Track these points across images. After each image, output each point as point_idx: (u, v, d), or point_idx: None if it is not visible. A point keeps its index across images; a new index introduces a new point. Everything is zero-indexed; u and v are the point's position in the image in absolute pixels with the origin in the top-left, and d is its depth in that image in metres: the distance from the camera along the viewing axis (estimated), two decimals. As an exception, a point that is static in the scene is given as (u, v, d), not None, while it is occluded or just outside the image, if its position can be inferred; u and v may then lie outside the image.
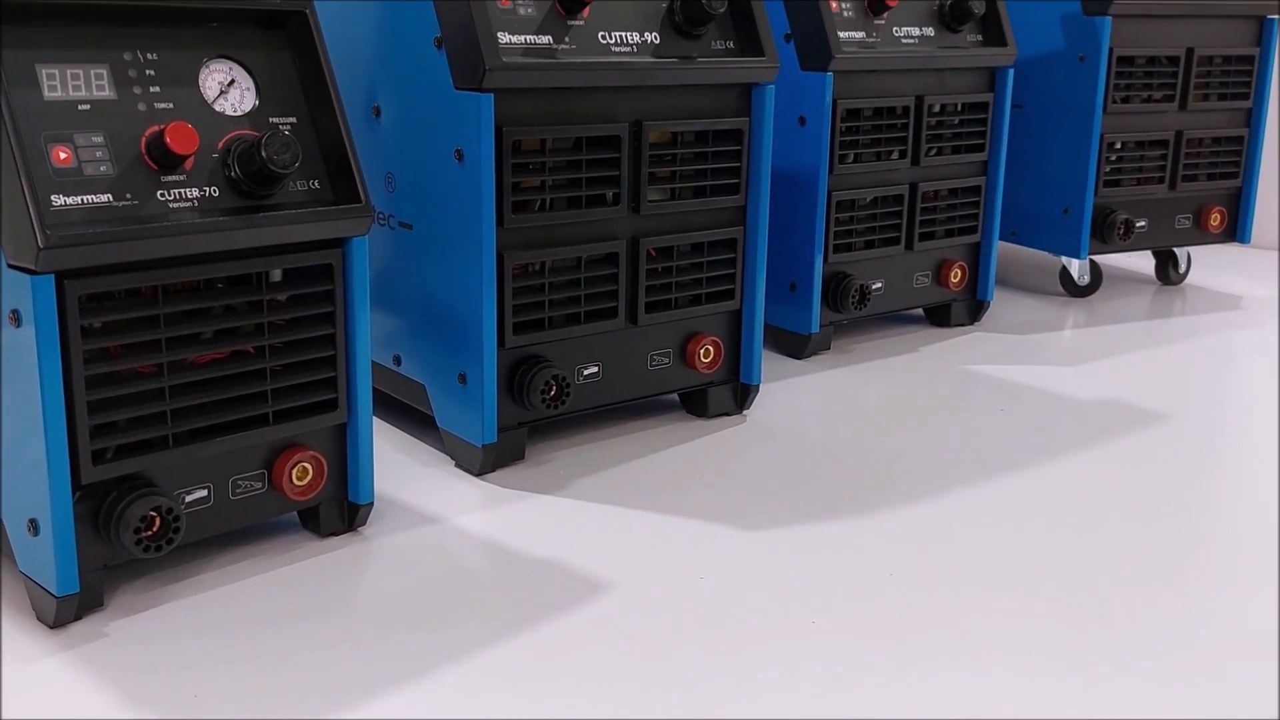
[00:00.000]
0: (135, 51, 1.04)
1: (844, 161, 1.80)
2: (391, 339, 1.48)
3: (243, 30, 1.11)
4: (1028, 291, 2.33)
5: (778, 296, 1.83)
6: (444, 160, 1.33)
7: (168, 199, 1.02)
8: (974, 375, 1.82)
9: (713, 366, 1.55)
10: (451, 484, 1.38)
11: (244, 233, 1.05)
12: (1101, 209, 2.18)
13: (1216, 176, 2.27)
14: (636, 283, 1.45)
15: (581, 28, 1.35)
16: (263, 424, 1.12)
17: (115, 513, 1.02)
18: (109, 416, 1.01)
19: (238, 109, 1.09)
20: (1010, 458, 1.48)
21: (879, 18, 1.80)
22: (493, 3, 1.29)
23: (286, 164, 1.04)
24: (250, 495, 1.14)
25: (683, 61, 1.42)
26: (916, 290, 1.98)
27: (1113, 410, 1.66)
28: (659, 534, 1.26)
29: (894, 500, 1.35)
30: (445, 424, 1.42)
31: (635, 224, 1.44)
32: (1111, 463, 1.48)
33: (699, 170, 1.48)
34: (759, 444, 1.53)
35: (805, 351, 1.87)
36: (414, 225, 1.41)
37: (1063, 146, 2.15)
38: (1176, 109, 2.19)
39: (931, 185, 1.91)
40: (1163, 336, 2.06)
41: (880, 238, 1.89)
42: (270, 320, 1.10)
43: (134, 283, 1.00)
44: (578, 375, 1.44)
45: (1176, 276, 2.41)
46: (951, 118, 1.92)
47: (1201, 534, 1.31)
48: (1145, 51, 2.13)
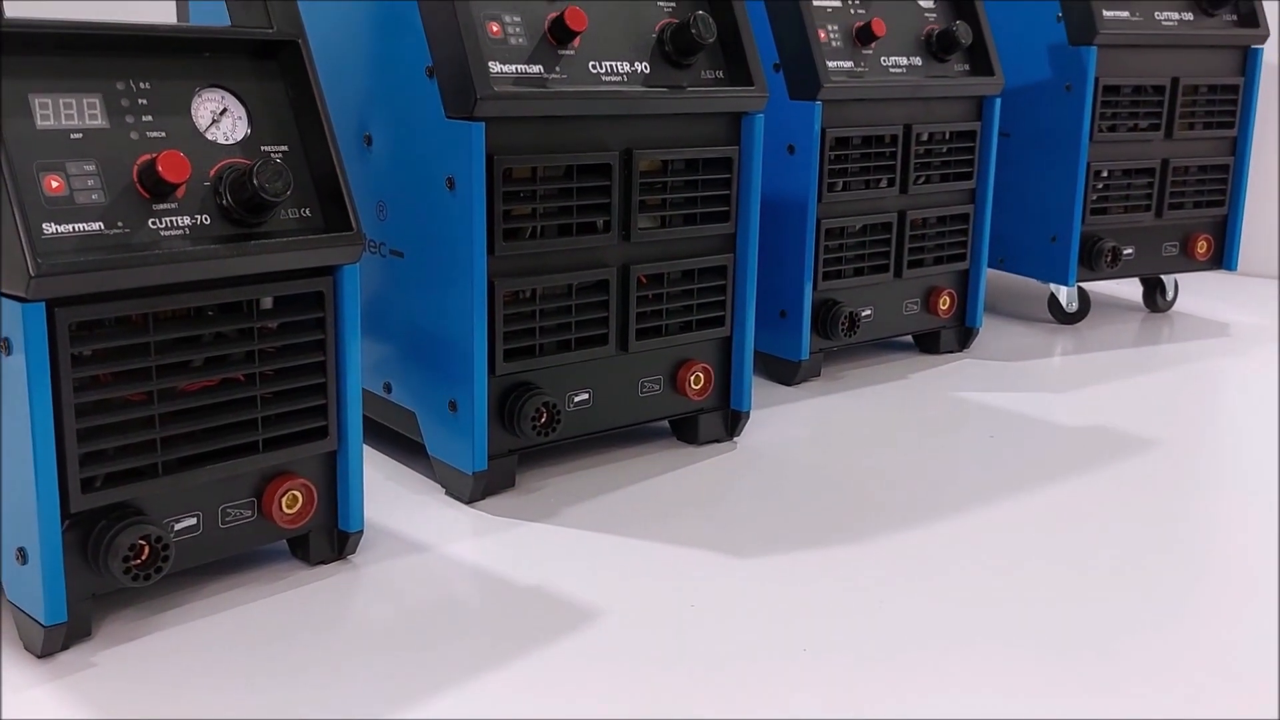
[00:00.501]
0: (128, 81, 1.04)
1: (833, 189, 1.81)
2: (382, 366, 1.48)
3: (235, 60, 1.12)
4: (1016, 319, 2.34)
5: (768, 323, 1.84)
6: (435, 188, 1.33)
7: (159, 227, 1.02)
8: (964, 402, 1.82)
9: (703, 393, 1.56)
10: (442, 512, 1.38)
11: (235, 260, 1.05)
12: (1089, 237, 2.20)
13: (1203, 204, 2.29)
14: (627, 310, 1.46)
15: (572, 57, 1.36)
16: (253, 452, 1.11)
17: (104, 541, 1.01)
18: (99, 444, 1.01)
19: (230, 138, 1.09)
20: (1000, 484, 1.49)
21: (867, 47, 1.82)
22: (484, 32, 1.30)
23: (278, 192, 1.05)
24: (240, 523, 1.14)
25: (672, 91, 1.43)
26: (906, 317, 1.99)
27: (1102, 437, 1.67)
28: (649, 562, 1.26)
29: (885, 527, 1.35)
30: (435, 451, 1.42)
31: (626, 251, 1.45)
32: (1101, 489, 1.49)
33: (689, 198, 1.49)
34: (750, 471, 1.53)
35: (795, 378, 1.87)
36: (405, 253, 1.41)
37: (1050, 175, 2.17)
38: (1162, 138, 2.21)
39: (920, 213, 1.93)
40: (1151, 363, 2.07)
41: (869, 265, 1.89)
42: (261, 348, 1.10)
43: (125, 310, 1.00)
44: (568, 402, 1.44)
45: (1164, 304, 2.42)
46: (939, 146, 1.93)
47: (1192, 560, 1.31)
48: (1131, 81, 2.15)
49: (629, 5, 1.43)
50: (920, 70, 1.87)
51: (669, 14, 1.46)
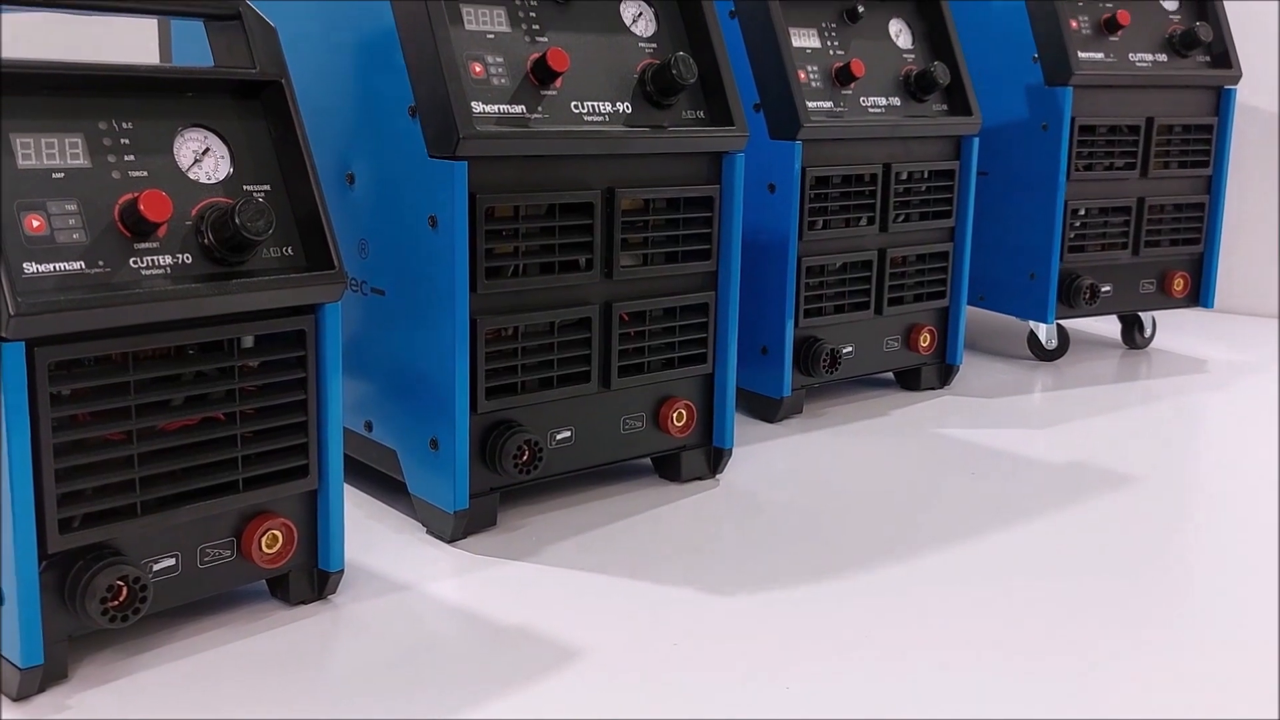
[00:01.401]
0: (110, 120, 1.05)
1: (813, 228, 1.82)
2: (363, 405, 1.47)
3: (218, 99, 1.12)
4: (996, 356, 2.35)
5: (750, 360, 1.84)
6: (417, 227, 1.34)
7: (140, 266, 1.02)
8: (945, 439, 1.83)
9: (685, 430, 1.56)
10: (422, 551, 1.37)
11: (216, 299, 1.05)
12: (1067, 274, 2.21)
13: (1179, 242, 2.31)
14: (609, 347, 1.46)
15: (554, 97, 1.37)
16: (232, 491, 1.11)
17: (82, 582, 1.01)
18: (77, 484, 1.00)
19: (212, 177, 1.10)
20: (982, 521, 1.49)
21: (846, 88, 1.84)
22: (466, 73, 1.31)
23: (260, 231, 1.05)
24: (219, 563, 1.13)
25: (654, 130, 1.44)
26: (887, 354, 1.99)
27: (1083, 473, 1.68)
28: (632, 600, 1.26)
29: (867, 565, 1.35)
30: (416, 490, 1.42)
31: (608, 289, 1.45)
32: (1083, 525, 1.49)
33: (671, 236, 1.50)
34: (733, 509, 1.53)
35: (777, 415, 1.88)
36: (387, 291, 1.41)
37: (1028, 213, 2.19)
38: (1138, 176, 2.23)
39: (900, 251, 1.94)
40: (1130, 399, 2.08)
41: (850, 302, 1.90)
42: (241, 386, 1.10)
43: (105, 350, 1.00)
44: (550, 440, 1.44)
45: (1142, 340, 2.44)
46: (918, 185, 1.95)
47: (1174, 595, 1.31)
48: (1106, 121, 2.18)
49: (611, 46, 1.45)
50: (899, 110, 1.89)
51: (650, 55, 1.47)
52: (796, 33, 1.81)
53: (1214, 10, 2.27)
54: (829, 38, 1.85)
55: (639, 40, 1.47)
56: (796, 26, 1.81)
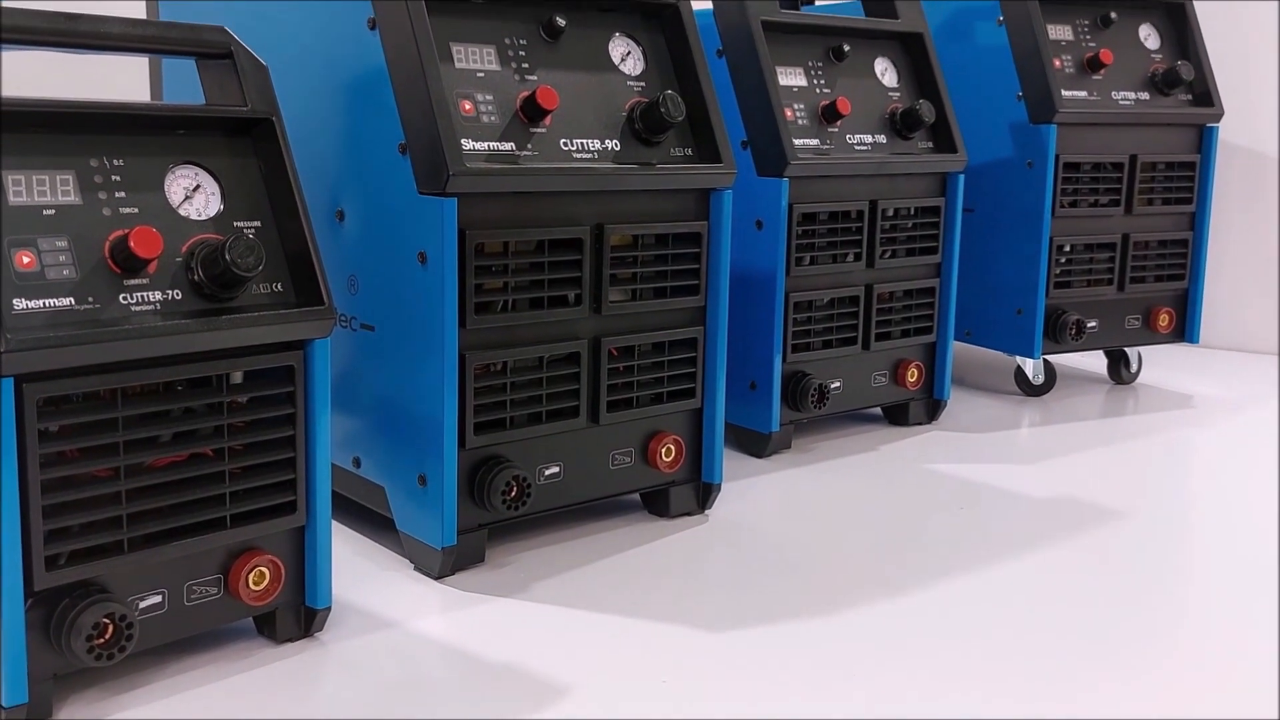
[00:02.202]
0: (102, 158, 1.05)
1: (800, 263, 1.83)
2: (351, 440, 1.47)
3: (209, 137, 1.13)
4: (984, 391, 2.36)
5: (738, 395, 1.85)
6: (407, 263, 1.34)
7: (130, 302, 1.02)
8: (933, 474, 1.83)
9: (674, 465, 1.56)
10: (410, 587, 1.36)
11: (206, 335, 1.05)
12: (1053, 310, 2.23)
13: (1164, 278, 2.33)
14: (598, 382, 1.46)
15: (544, 135, 1.38)
16: (220, 528, 1.10)
17: (67, 620, 1.00)
18: (64, 521, 1.00)
19: (202, 214, 1.10)
20: (970, 557, 1.49)
21: (832, 125, 1.85)
22: (456, 110, 1.32)
23: (250, 267, 1.05)
24: (205, 601, 1.12)
25: (643, 167, 1.46)
26: (874, 389, 2.00)
27: (1070, 508, 1.68)
28: (620, 637, 1.25)
29: (856, 601, 1.35)
30: (404, 526, 1.41)
31: (597, 324, 1.46)
32: (1071, 560, 1.49)
33: (659, 272, 1.50)
34: (721, 544, 1.53)
35: (766, 450, 1.88)
36: (376, 327, 1.41)
37: (1014, 249, 2.21)
38: (1123, 213, 2.25)
39: (887, 287, 1.95)
40: (1117, 435, 2.09)
41: (838, 338, 1.91)
42: (230, 422, 1.10)
43: (94, 386, 1.00)
44: (539, 475, 1.44)
45: (1128, 376, 2.46)
46: (905, 221, 1.97)
47: (1162, 630, 1.31)
48: (1090, 158, 2.20)
49: (599, 85, 1.46)
50: (885, 148, 1.91)
51: (639, 93, 1.49)
52: (783, 71, 1.82)
53: (1195, 49, 2.30)
54: (815, 76, 1.87)
55: (627, 79, 1.49)
56: (783, 65, 1.83)
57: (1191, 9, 2.31)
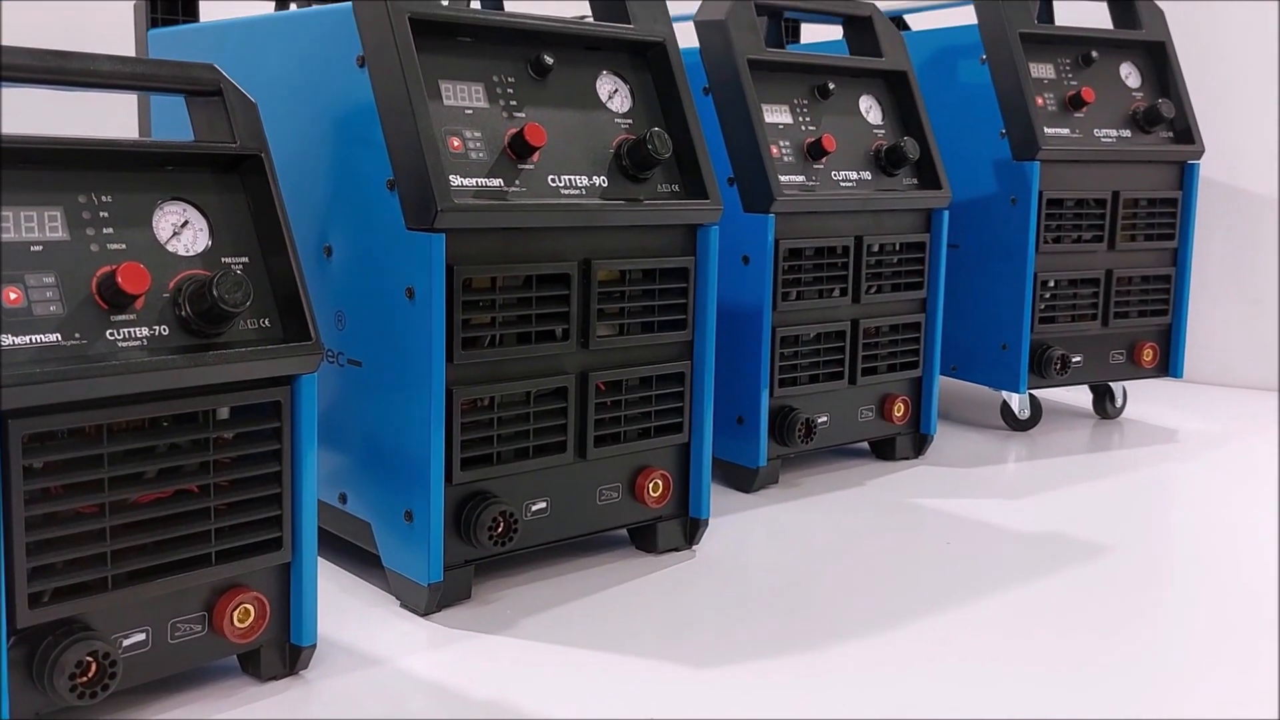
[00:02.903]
0: (90, 194, 1.05)
1: (787, 299, 1.84)
2: (338, 476, 1.47)
3: (198, 173, 1.13)
4: (970, 425, 2.37)
5: (725, 430, 1.85)
6: (395, 298, 1.34)
7: (117, 338, 1.02)
8: (920, 509, 1.83)
9: (662, 500, 1.56)
10: (396, 624, 1.36)
11: (192, 371, 1.05)
12: (1038, 345, 2.24)
13: (1147, 313, 2.34)
14: (585, 416, 1.46)
15: (531, 171, 1.39)
16: (205, 564, 1.10)
17: (50, 658, 0.99)
18: (48, 558, 0.99)
19: (190, 249, 1.10)
20: (957, 592, 1.49)
21: (818, 162, 1.87)
22: (445, 147, 1.33)
23: (238, 303, 1.05)
24: (190, 638, 1.11)
25: (630, 203, 1.46)
26: (861, 424, 2.00)
27: (1057, 542, 1.68)
28: (607, 673, 1.25)
29: (844, 636, 1.35)
30: (390, 563, 1.41)
31: (584, 359, 1.46)
32: (1058, 595, 1.49)
33: (647, 307, 1.51)
34: (708, 580, 1.52)
35: (753, 485, 1.88)
36: (363, 362, 1.41)
37: (999, 285, 2.22)
38: (1106, 249, 2.27)
39: (873, 322, 1.96)
40: (1103, 469, 2.09)
41: (824, 372, 1.92)
42: (216, 458, 1.10)
43: (80, 422, 1.00)
44: (526, 511, 1.44)
45: (1114, 410, 2.47)
46: (890, 257, 1.98)
47: (1150, 664, 1.31)
48: (1073, 194, 2.22)
49: (587, 122, 1.47)
50: (870, 184, 1.93)
51: (626, 130, 1.50)
52: (769, 109, 1.84)
53: (1175, 87, 2.33)
54: (800, 114, 1.88)
55: (615, 116, 1.50)
56: (769, 103, 1.84)
57: (1171, 48, 2.34)
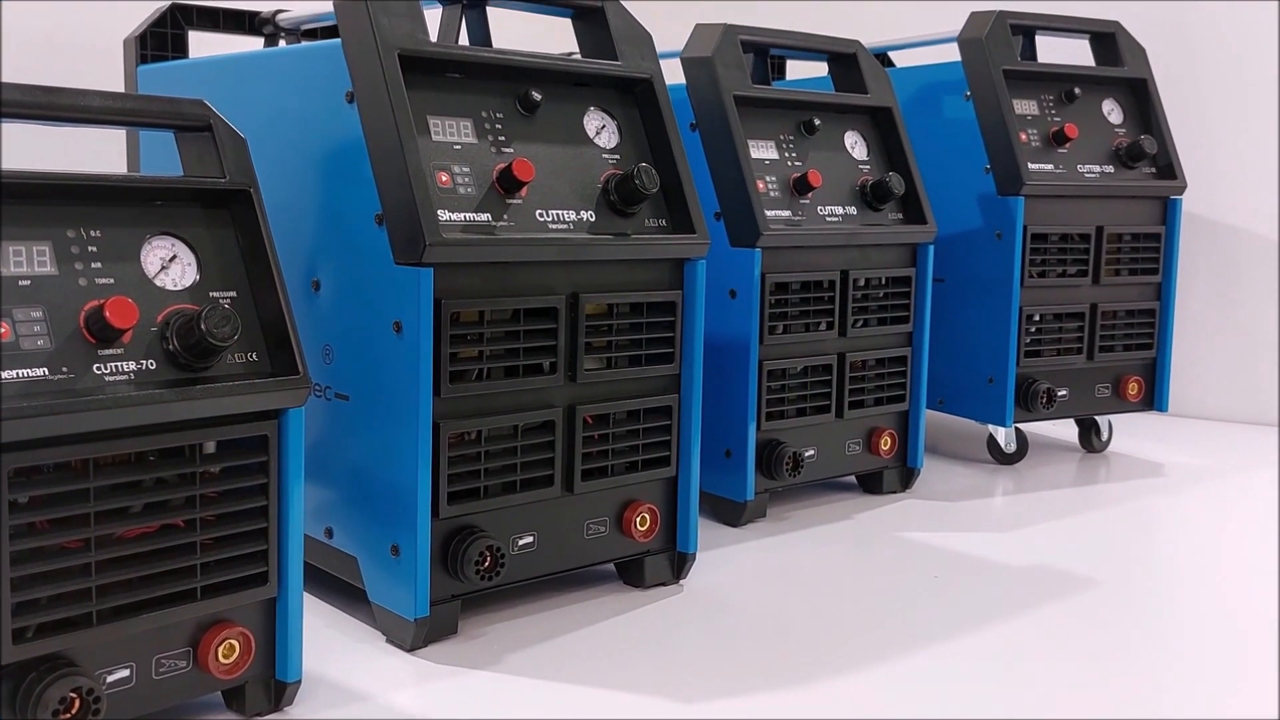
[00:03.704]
0: (79, 229, 1.06)
1: (774, 332, 1.85)
2: (324, 511, 1.46)
3: (187, 208, 1.14)
4: (957, 459, 2.37)
5: (713, 464, 1.85)
6: (382, 332, 1.34)
7: (104, 372, 1.02)
8: (908, 542, 1.83)
9: (649, 534, 1.56)
10: (382, 660, 1.35)
11: (180, 405, 1.05)
12: (1024, 379, 2.25)
13: (1132, 347, 2.36)
14: (573, 450, 1.47)
15: (520, 206, 1.40)
16: (190, 599, 1.09)
17: (33, 694, 0.98)
18: (32, 594, 0.98)
19: (178, 284, 1.10)
20: (945, 625, 1.49)
21: (804, 197, 1.88)
22: (433, 182, 1.34)
23: (226, 337, 1.05)
24: (174, 674, 1.11)
25: (617, 238, 1.47)
26: (848, 458, 2.01)
27: (1045, 576, 1.68)
28: (595, 710, 1.24)
29: (832, 670, 1.35)
30: (376, 598, 1.40)
31: (572, 392, 1.46)
32: (1046, 628, 1.49)
33: (634, 340, 1.51)
34: (696, 615, 1.52)
35: (741, 519, 1.88)
36: (350, 396, 1.41)
37: (985, 318, 2.23)
38: (1090, 283, 2.29)
39: (859, 355, 1.97)
40: (1089, 503, 2.10)
41: (811, 406, 1.92)
42: (202, 493, 1.09)
43: (66, 456, 0.99)
44: (512, 545, 1.43)
45: (1099, 444, 2.47)
46: (876, 291, 1.99)
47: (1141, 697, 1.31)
48: (1058, 229, 2.24)
49: (575, 157, 1.48)
50: (856, 219, 1.94)
51: (613, 165, 1.51)
52: (755, 144, 1.85)
53: (1157, 123, 2.35)
54: (787, 149, 1.90)
55: (603, 151, 1.51)
56: (755, 139, 1.86)
57: (1153, 84, 2.37)
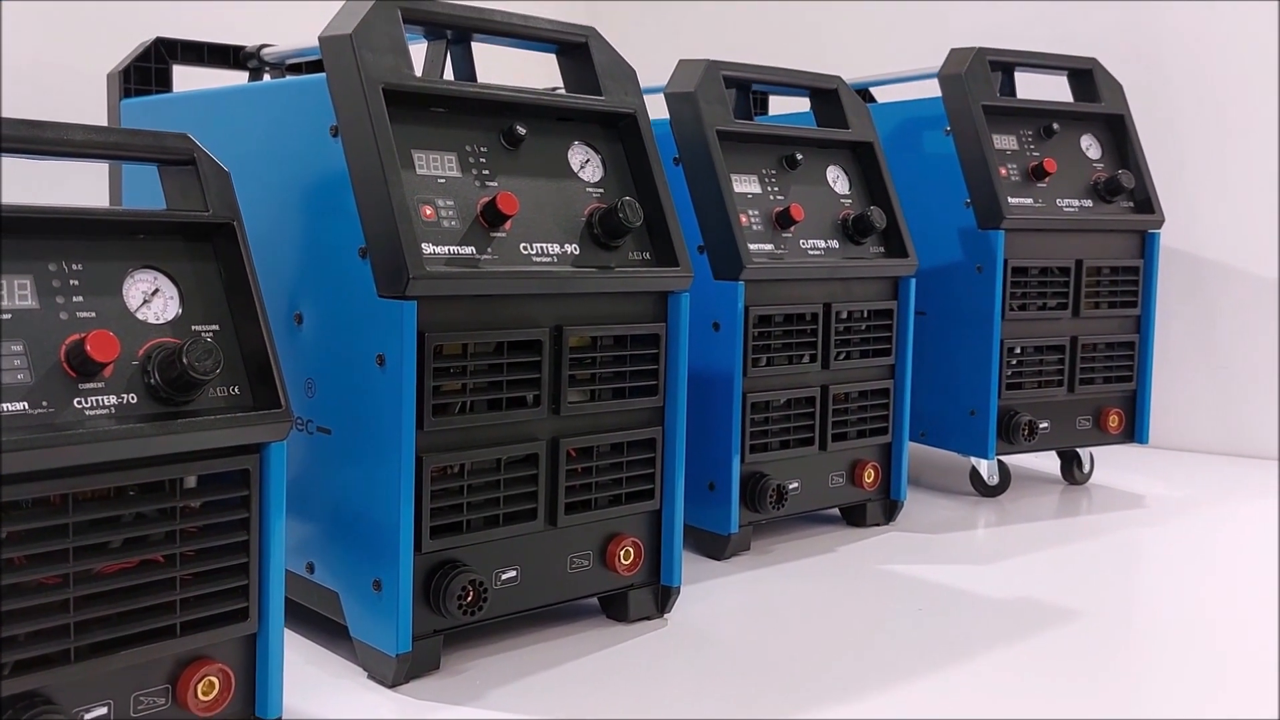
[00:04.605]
0: (60, 262, 1.05)
1: (757, 365, 1.85)
2: (305, 546, 1.45)
3: (169, 241, 1.13)
4: (940, 491, 2.38)
5: (696, 497, 1.85)
6: (365, 365, 1.34)
7: (84, 406, 1.01)
8: (891, 575, 1.83)
9: (633, 568, 1.55)
10: (363, 696, 1.34)
11: (161, 439, 1.04)
12: (1006, 411, 2.26)
13: (1112, 380, 2.37)
14: (556, 483, 1.46)
15: (504, 239, 1.40)
16: (170, 636, 1.08)
17: (8, 734, 0.97)
18: (10, 630, 0.97)
19: (160, 317, 1.10)
20: (929, 658, 1.49)
21: (786, 231, 1.89)
22: (417, 215, 1.34)
23: (208, 370, 1.05)
24: (152, 712, 1.09)
25: (601, 271, 1.47)
26: (832, 490, 2.01)
27: (1028, 608, 1.68)
28: (579, 745, 1.23)
29: (816, 704, 1.34)
30: (358, 633, 1.39)
31: (555, 425, 1.46)
32: (1030, 660, 1.49)
33: (618, 373, 1.51)
34: (681, 649, 1.51)
35: (725, 552, 1.87)
36: (333, 430, 1.41)
37: (966, 351, 2.24)
38: (1070, 316, 2.30)
39: (842, 388, 1.97)
40: (1072, 535, 2.10)
41: (795, 438, 1.93)
42: (183, 528, 1.08)
43: (45, 491, 0.98)
44: (496, 580, 1.43)
45: (1081, 476, 2.48)
46: (858, 324, 2.00)
47: (1120, 734, 1.31)
48: (1038, 263, 2.25)
49: (559, 191, 1.48)
50: (838, 252, 1.95)
51: (597, 199, 1.51)
52: (738, 179, 1.87)
53: (1135, 158, 2.38)
54: (769, 183, 1.91)
55: (586, 185, 1.52)
56: (738, 173, 1.87)
57: (1130, 120, 2.40)
